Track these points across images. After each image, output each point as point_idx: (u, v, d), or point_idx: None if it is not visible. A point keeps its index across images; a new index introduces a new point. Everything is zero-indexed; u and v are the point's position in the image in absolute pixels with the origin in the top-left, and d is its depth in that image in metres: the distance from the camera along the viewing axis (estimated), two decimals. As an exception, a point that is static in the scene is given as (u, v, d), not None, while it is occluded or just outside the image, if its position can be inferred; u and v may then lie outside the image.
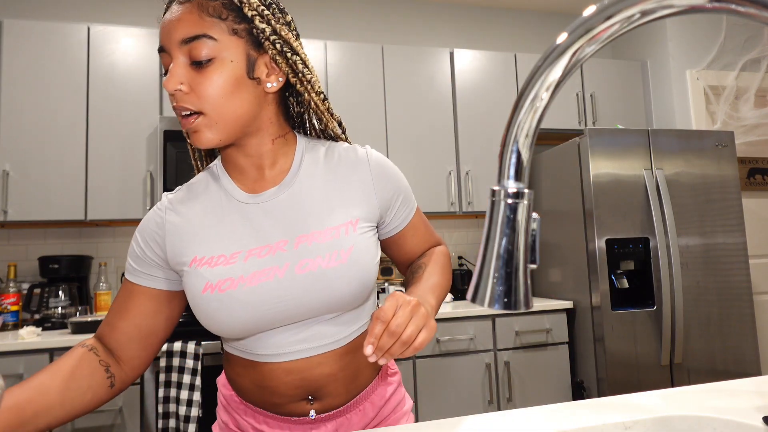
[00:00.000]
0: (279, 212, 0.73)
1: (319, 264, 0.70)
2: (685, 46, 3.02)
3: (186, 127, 0.68)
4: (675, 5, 0.34)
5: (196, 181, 0.79)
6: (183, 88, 0.66)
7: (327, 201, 0.74)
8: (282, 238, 0.71)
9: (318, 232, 0.72)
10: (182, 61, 0.66)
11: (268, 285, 0.69)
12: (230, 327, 0.69)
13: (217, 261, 0.70)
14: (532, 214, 0.41)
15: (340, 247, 0.71)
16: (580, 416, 0.69)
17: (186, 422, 1.79)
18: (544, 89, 0.38)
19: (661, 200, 2.35)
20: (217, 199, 0.75)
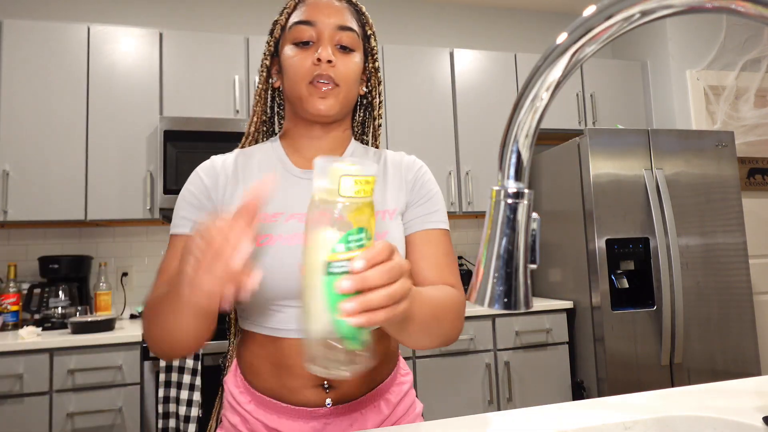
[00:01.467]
0: None
1: None
2: (685, 46, 3.02)
3: (319, 92, 0.75)
4: (675, 5, 0.34)
5: (248, 149, 0.85)
6: (333, 61, 0.75)
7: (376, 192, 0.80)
8: None
9: None
10: (331, 41, 0.77)
11: None
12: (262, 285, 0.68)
13: (267, 215, 0.75)
14: (532, 214, 0.41)
15: (380, 229, 0.75)
16: (580, 416, 0.69)
17: (186, 422, 1.79)
18: (544, 89, 0.38)
19: (661, 200, 2.34)
20: (273, 163, 0.82)
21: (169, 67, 2.40)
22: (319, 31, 0.77)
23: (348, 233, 0.47)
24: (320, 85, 0.75)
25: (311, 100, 0.76)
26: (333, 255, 0.46)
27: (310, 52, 0.76)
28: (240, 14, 2.91)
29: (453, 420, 0.70)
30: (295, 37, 0.78)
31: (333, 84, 0.76)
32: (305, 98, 0.76)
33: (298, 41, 0.77)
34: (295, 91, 0.77)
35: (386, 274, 0.47)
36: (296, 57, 0.77)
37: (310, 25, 0.77)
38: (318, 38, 0.77)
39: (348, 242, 0.46)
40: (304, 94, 0.76)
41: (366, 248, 0.47)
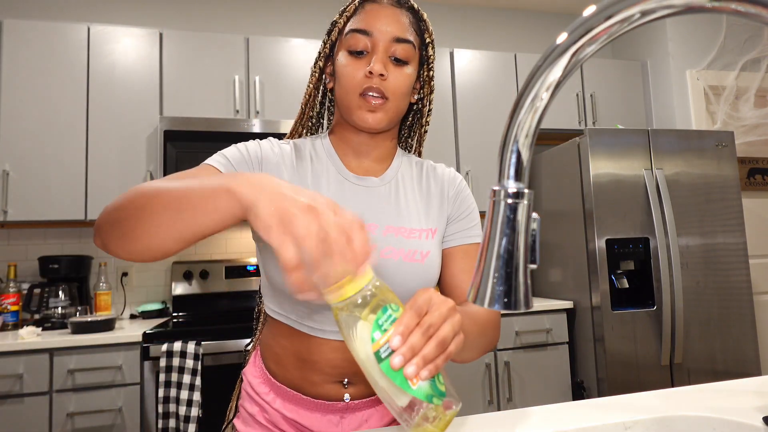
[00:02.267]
0: (377, 200, 0.80)
1: (400, 255, 0.76)
2: (685, 46, 3.02)
3: (369, 105, 0.75)
4: (675, 5, 0.34)
5: (300, 143, 0.84)
6: (385, 74, 0.75)
7: (416, 205, 0.83)
8: (374, 222, 0.78)
9: (406, 229, 0.79)
10: (385, 53, 0.76)
11: None
12: None
13: None
14: (532, 214, 0.41)
15: (420, 248, 0.78)
16: (580, 416, 0.69)
17: (186, 422, 1.79)
18: (544, 89, 0.38)
19: (661, 200, 2.34)
20: (325, 165, 0.82)
21: (169, 67, 2.40)
22: (374, 42, 0.76)
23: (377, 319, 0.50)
24: (370, 98, 0.76)
25: (360, 112, 0.76)
26: (375, 344, 0.49)
27: (363, 62, 0.76)
28: (240, 14, 2.91)
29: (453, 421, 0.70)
30: (350, 45, 0.77)
31: (383, 98, 0.76)
32: (354, 109, 0.77)
33: (353, 50, 0.77)
34: (345, 100, 0.78)
35: (427, 332, 0.49)
36: (349, 66, 0.77)
37: (366, 35, 0.76)
38: (372, 48, 0.76)
39: (381, 327, 0.49)
40: (354, 105, 0.77)
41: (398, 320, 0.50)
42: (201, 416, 1.85)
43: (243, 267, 2.60)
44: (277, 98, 2.51)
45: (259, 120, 2.36)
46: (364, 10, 0.78)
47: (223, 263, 2.59)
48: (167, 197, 0.53)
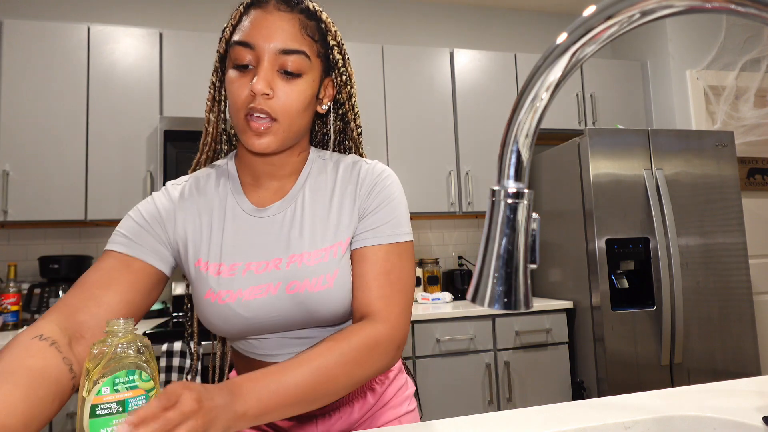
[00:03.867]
0: (278, 228, 0.74)
1: (306, 287, 0.71)
2: (685, 46, 3.02)
3: (254, 128, 0.68)
4: (675, 5, 0.34)
5: (203, 175, 0.79)
6: (270, 93, 0.67)
7: (322, 219, 0.75)
8: (278, 256, 0.73)
9: (308, 253, 0.72)
10: (272, 66, 0.68)
11: (261, 300, 0.71)
12: (225, 331, 0.72)
13: (219, 269, 0.72)
14: (532, 214, 0.41)
15: (326, 271, 0.72)
16: (580, 416, 0.69)
17: (186, 422, 1.79)
18: (544, 89, 0.38)
19: (661, 200, 2.35)
20: (224, 202, 0.76)
21: (169, 67, 2.40)
22: (258, 55, 0.68)
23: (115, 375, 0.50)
24: (255, 119, 0.68)
25: (246, 136, 0.69)
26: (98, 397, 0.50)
27: (248, 78, 0.68)
28: (240, 14, 2.91)
29: (453, 420, 0.70)
30: (234, 59, 0.69)
31: (270, 119, 0.68)
32: (241, 132, 0.69)
33: (237, 64, 0.69)
34: (234, 122, 0.71)
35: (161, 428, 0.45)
36: (235, 83, 0.69)
37: (249, 48, 0.68)
38: (257, 63, 0.68)
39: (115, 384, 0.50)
40: (241, 128, 0.69)
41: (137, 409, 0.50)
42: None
43: (243, 267, 2.60)
44: (277, 98, 2.51)
45: (259, 120, 2.36)
46: (248, 18, 0.69)
47: (223, 263, 2.59)
48: None
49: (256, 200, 0.77)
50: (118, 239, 0.70)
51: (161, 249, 0.72)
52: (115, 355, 0.52)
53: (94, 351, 0.52)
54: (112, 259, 0.68)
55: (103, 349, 0.52)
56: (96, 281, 0.66)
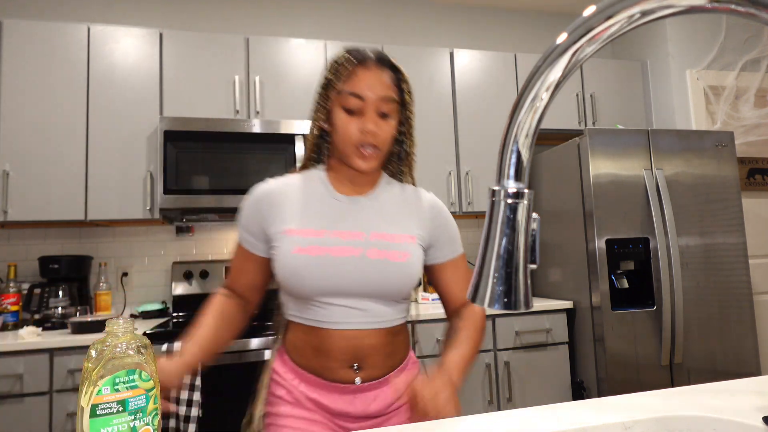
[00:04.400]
0: (363, 213, 0.98)
1: (386, 256, 0.93)
2: (685, 46, 3.02)
3: (364, 156, 0.93)
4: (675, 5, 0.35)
5: (301, 177, 1.01)
6: (377, 131, 0.92)
7: (398, 216, 1.00)
8: (361, 230, 0.95)
9: (389, 234, 0.96)
10: (375, 111, 0.93)
11: (347, 259, 0.91)
12: (310, 283, 0.90)
13: (307, 232, 0.93)
14: (532, 214, 0.41)
15: (404, 250, 0.95)
16: (580, 416, 0.69)
17: (186, 422, 1.79)
18: (544, 89, 0.38)
19: (661, 200, 2.34)
20: (318, 190, 0.99)
21: (169, 67, 2.40)
22: (366, 104, 0.92)
23: (115, 375, 0.51)
24: (365, 150, 0.92)
25: (356, 160, 0.93)
26: (99, 397, 0.50)
27: (357, 119, 0.93)
28: (240, 14, 2.91)
29: (453, 420, 0.70)
30: (345, 104, 0.93)
31: (375, 148, 0.93)
32: (350, 157, 0.94)
33: (348, 108, 0.93)
34: (343, 149, 0.94)
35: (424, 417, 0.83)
36: (345, 122, 0.93)
37: (360, 99, 0.92)
38: (365, 108, 0.92)
39: (115, 384, 0.51)
40: (350, 154, 0.93)
41: (139, 390, 0.52)
42: (201, 416, 1.85)
43: (243, 267, 2.60)
44: (277, 98, 2.51)
45: (259, 120, 2.37)
46: (356, 75, 0.93)
47: (223, 263, 2.59)
48: None
49: (344, 192, 1.00)
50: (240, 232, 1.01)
51: (261, 241, 0.98)
52: (115, 355, 0.52)
53: (93, 351, 0.52)
54: (240, 252, 1.02)
55: (103, 349, 0.52)
56: (236, 268, 1.03)
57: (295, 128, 2.40)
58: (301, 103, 2.54)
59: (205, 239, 2.68)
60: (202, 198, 2.25)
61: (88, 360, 0.52)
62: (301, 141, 2.39)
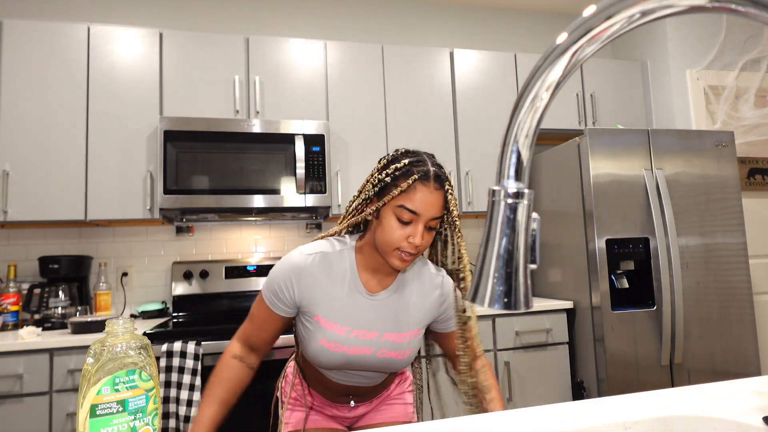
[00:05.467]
0: (381, 312, 1.08)
1: (392, 355, 1.08)
2: (685, 46, 3.02)
3: (403, 260, 1.00)
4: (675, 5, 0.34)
5: (332, 254, 1.07)
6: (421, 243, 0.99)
7: (411, 310, 1.10)
8: (376, 330, 1.07)
9: (398, 334, 1.08)
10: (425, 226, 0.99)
11: (357, 356, 1.07)
12: (324, 365, 1.07)
13: (333, 326, 1.05)
14: (532, 214, 0.41)
15: (406, 348, 1.09)
16: (580, 416, 0.69)
17: (186, 422, 1.79)
18: (544, 89, 0.38)
19: (661, 200, 2.34)
20: (346, 281, 1.06)
21: (169, 67, 2.40)
22: (418, 219, 0.98)
23: (115, 375, 0.51)
24: (405, 254, 0.99)
25: (393, 259, 1.01)
26: (99, 397, 0.50)
27: (405, 227, 0.99)
28: (240, 14, 2.91)
29: (453, 420, 0.70)
30: (399, 215, 0.98)
31: (413, 255, 1.01)
32: (389, 255, 1.01)
33: (401, 219, 0.98)
34: (383, 246, 1.00)
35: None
36: (395, 228, 0.98)
37: (414, 214, 0.98)
38: (415, 222, 0.98)
39: (115, 384, 0.51)
40: (390, 253, 1.00)
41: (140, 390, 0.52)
42: (201, 416, 1.84)
43: (243, 267, 2.60)
44: (277, 98, 2.51)
45: (258, 120, 2.36)
46: (416, 191, 0.98)
47: (223, 263, 2.59)
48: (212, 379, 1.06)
49: (368, 286, 1.08)
50: (267, 296, 1.06)
51: (290, 307, 1.06)
52: (115, 355, 0.52)
53: (93, 351, 0.52)
54: (266, 311, 1.07)
55: (103, 350, 0.52)
56: (259, 326, 1.08)
57: (294, 128, 2.40)
58: (301, 103, 2.54)
59: (205, 239, 2.68)
60: (202, 198, 2.25)
61: (88, 360, 0.52)
62: (301, 141, 2.39)
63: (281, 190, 2.34)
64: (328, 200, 2.40)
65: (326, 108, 2.58)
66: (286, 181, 2.35)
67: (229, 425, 1.91)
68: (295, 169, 2.37)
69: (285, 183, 2.35)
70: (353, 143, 2.60)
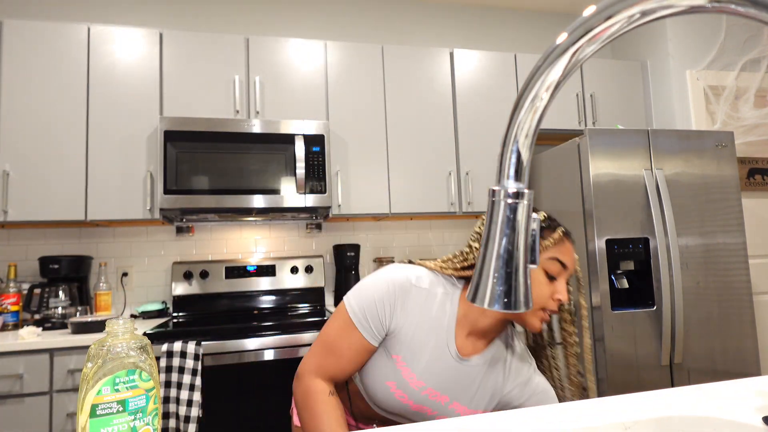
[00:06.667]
0: (461, 380, 0.96)
1: None
2: (685, 46, 3.02)
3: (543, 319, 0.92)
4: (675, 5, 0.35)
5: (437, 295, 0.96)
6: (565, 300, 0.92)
7: (487, 393, 0.99)
8: (447, 396, 0.96)
9: (467, 409, 0.98)
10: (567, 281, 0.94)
11: (418, 413, 0.97)
12: (380, 405, 0.98)
13: (409, 375, 0.94)
14: (532, 214, 0.41)
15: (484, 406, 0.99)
16: (579, 416, 0.69)
17: (186, 422, 1.79)
18: (544, 89, 0.38)
19: (660, 200, 2.34)
20: (441, 332, 0.95)
21: (169, 67, 2.40)
22: (564, 273, 0.93)
23: (115, 375, 0.51)
24: (546, 314, 0.92)
25: (534, 320, 0.92)
26: (99, 397, 0.50)
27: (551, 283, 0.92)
28: (240, 14, 2.91)
29: (453, 420, 0.70)
30: (549, 268, 0.92)
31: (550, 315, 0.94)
32: (530, 315, 0.92)
33: (549, 273, 0.92)
34: None
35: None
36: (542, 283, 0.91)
37: (564, 268, 0.92)
38: (560, 276, 0.92)
39: (115, 384, 0.51)
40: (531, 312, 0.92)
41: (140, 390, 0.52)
42: (201, 416, 1.85)
43: (243, 267, 2.60)
44: (277, 98, 2.51)
45: (259, 120, 2.36)
46: (563, 245, 0.93)
47: (223, 263, 2.59)
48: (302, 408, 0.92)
49: (460, 346, 0.96)
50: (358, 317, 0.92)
51: (380, 331, 0.93)
52: (115, 355, 0.52)
53: (93, 351, 0.52)
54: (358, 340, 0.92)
55: (103, 350, 0.52)
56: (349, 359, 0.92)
57: (294, 128, 2.40)
58: (301, 103, 2.54)
59: (205, 239, 2.68)
60: (202, 198, 2.25)
61: (88, 360, 0.52)
62: (301, 141, 2.39)
63: (281, 191, 2.34)
64: (328, 200, 2.40)
65: (326, 108, 2.58)
66: (286, 181, 2.35)
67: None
68: (295, 169, 2.37)
69: (285, 183, 2.35)
70: (353, 143, 2.60)
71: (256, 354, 1.95)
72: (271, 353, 1.97)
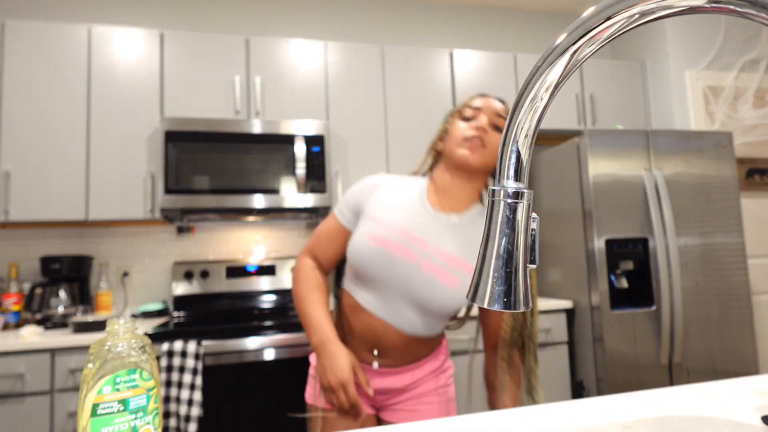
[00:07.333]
0: (438, 227, 1.05)
1: (436, 274, 1.01)
2: (685, 47, 3.02)
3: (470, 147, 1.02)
4: (674, 5, 0.35)
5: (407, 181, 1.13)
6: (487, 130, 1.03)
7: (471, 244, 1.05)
8: (428, 239, 1.03)
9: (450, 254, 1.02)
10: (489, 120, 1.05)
11: (402, 260, 1.01)
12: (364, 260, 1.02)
13: (385, 224, 1.03)
14: (531, 214, 0.41)
15: (456, 275, 1.01)
16: (580, 416, 0.69)
17: (187, 422, 1.79)
18: (543, 89, 0.38)
19: (660, 200, 2.35)
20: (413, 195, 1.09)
21: (170, 67, 2.40)
22: (480, 112, 1.05)
23: (116, 375, 0.52)
24: (472, 141, 1.02)
25: (460, 150, 1.03)
26: (100, 396, 0.50)
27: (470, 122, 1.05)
28: (240, 14, 2.91)
29: (453, 419, 0.70)
30: (463, 114, 1.07)
31: (481, 144, 1.02)
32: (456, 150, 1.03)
33: (464, 116, 1.06)
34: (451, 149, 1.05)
35: None
36: (461, 126, 1.05)
37: (477, 109, 1.05)
38: (478, 116, 1.05)
39: (116, 383, 0.52)
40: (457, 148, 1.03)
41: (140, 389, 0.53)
42: (202, 416, 1.85)
43: (243, 267, 2.61)
44: (277, 99, 2.51)
45: (259, 120, 2.37)
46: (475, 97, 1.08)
47: (224, 263, 2.59)
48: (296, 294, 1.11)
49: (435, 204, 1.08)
50: (341, 208, 1.12)
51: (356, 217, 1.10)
52: (116, 354, 0.52)
53: (94, 351, 0.52)
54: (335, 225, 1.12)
55: (104, 349, 0.52)
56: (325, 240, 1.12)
57: (295, 128, 2.40)
58: (302, 104, 2.54)
59: (206, 239, 2.68)
60: (203, 198, 2.25)
61: (89, 360, 0.52)
62: (301, 141, 2.39)
63: (281, 191, 2.34)
64: (328, 200, 2.40)
65: (326, 108, 2.58)
66: (286, 181, 2.35)
67: (230, 425, 1.91)
68: (295, 169, 2.37)
69: (285, 183, 2.35)
70: (353, 143, 2.60)
71: (256, 354, 1.95)
72: (272, 353, 1.97)
